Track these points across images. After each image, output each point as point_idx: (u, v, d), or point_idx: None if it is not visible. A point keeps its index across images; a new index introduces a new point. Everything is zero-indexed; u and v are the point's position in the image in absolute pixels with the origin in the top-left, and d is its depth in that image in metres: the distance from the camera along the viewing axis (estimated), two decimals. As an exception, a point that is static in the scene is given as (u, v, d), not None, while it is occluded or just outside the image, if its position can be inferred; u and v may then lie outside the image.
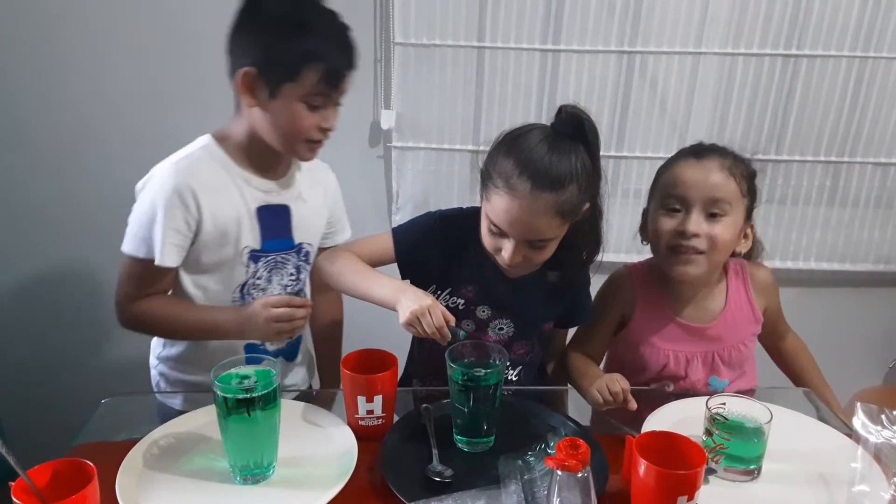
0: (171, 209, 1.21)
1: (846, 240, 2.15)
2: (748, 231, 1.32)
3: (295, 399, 1.23)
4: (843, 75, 1.98)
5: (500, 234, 1.19)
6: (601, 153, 1.22)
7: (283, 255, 1.34)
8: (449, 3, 1.92)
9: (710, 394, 1.27)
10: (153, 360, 1.42)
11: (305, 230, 1.37)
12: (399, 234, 1.33)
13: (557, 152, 1.14)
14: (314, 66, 1.17)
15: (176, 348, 1.36)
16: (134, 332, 1.30)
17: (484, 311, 1.31)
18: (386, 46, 1.94)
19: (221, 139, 1.28)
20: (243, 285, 1.31)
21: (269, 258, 1.32)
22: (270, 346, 1.38)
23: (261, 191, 1.29)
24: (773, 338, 1.44)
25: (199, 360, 1.33)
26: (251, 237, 1.29)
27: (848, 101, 2.00)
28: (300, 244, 1.37)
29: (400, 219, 2.08)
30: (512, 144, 1.17)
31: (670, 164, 1.32)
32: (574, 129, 1.17)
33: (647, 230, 1.36)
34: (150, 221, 1.22)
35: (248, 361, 1.31)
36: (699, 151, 1.29)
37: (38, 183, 2.07)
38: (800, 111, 2.01)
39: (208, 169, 1.25)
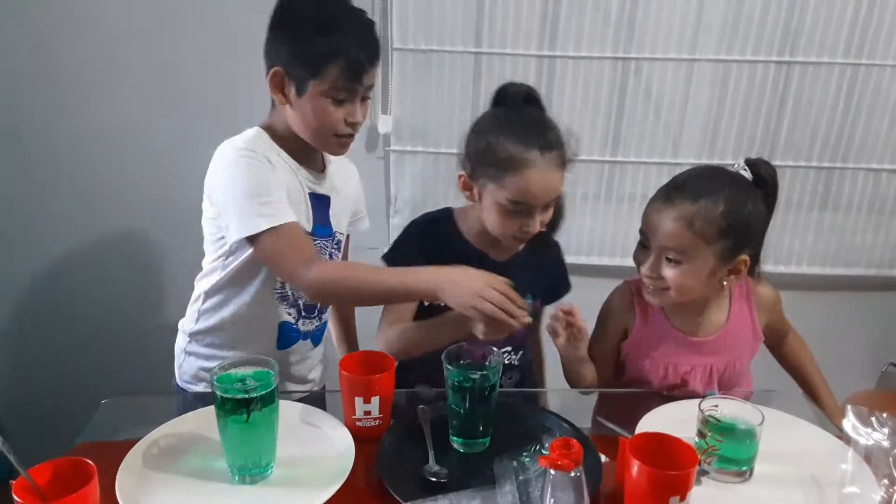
0: (273, 174, 1.24)
1: (839, 244, 2.17)
2: (740, 266, 1.28)
3: (304, 399, 1.24)
4: (835, 82, 1.99)
5: (524, 211, 1.24)
6: (595, 158, 1.25)
7: (324, 242, 1.38)
8: (447, 9, 1.93)
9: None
10: (182, 339, 1.43)
11: (339, 220, 1.42)
12: (388, 259, 1.39)
13: (538, 118, 1.27)
14: (336, 62, 1.22)
15: (212, 321, 1.37)
16: (321, 300, 1.29)
17: None
18: (385, 52, 1.96)
19: (268, 130, 1.32)
20: None
21: (315, 242, 1.34)
22: (303, 328, 1.41)
23: (308, 180, 1.34)
24: (775, 339, 1.46)
25: (233, 338, 1.36)
26: (305, 220, 1.32)
27: (840, 108, 2.02)
28: (335, 233, 1.41)
29: (398, 222, 2.09)
30: (494, 133, 1.24)
31: (653, 195, 1.30)
32: (527, 98, 1.30)
33: None
34: (263, 191, 1.21)
35: (281, 342, 1.37)
36: (669, 194, 1.25)
37: (39, 181, 2.08)
38: (793, 117, 2.03)
39: (271, 151, 1.29)
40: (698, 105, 2.02)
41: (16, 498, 0.83)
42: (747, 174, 1.27)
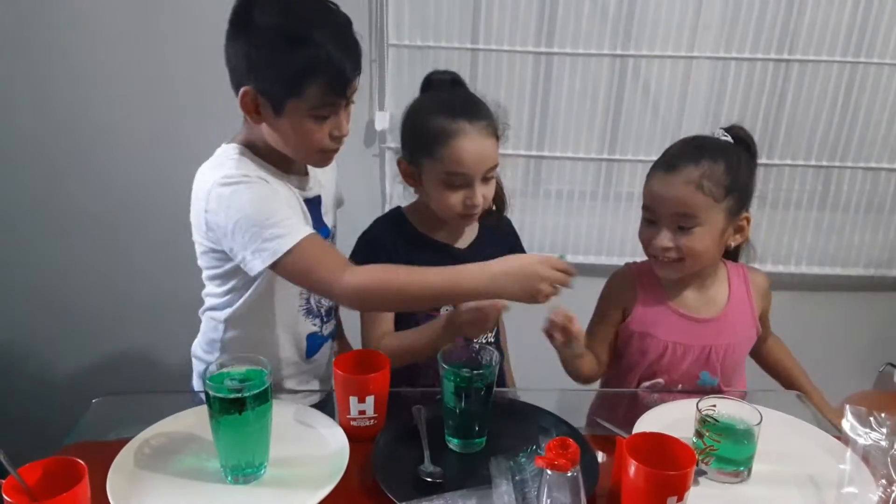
0: (274, 193, 1.17)
1: (837, 244, 2.16)
2: (743, 223, 1.32)
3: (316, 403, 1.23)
4: (834, 80, 1.99)
5: (463, 182, 1.26)
6: (593, 156, 1.24)
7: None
8: (443, 5, 1.92)
9: (700, 388, 1.29)
10: (203, 368, 1.36)
11: (330, 214, 1.38)
12: None
13: (465, 94, 1.33)
14: (316, 79, 1.10)
15: (238, 347, 1.31)
16: (361, 307, 1.21)
17: None
18: (380, 48, 1.95)
19: (248, 145, 1.22)
20: None
21: None
22: (325, 332, 1.39)
23: (297, 187, 1.27)
24: (759, 340, 1.46)
25: (264, 349, 1.29)
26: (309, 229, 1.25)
27: (839, 106, 2.02)
28: (330, 230, 1.38)
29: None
30: (422, 113, 1.29)
31: (650, 171, 1.33)
32: (454, 82, 1.36)
33: None
34: (271, 213, 1.13)
35: (309, 351, 1.36)
36: (671, 163, 1.28)
37: (28, 180, 2.07)
38: (791, 115, 2.02)
39: (260, 170, 1.20)
40: (696, 103, 2.02)
41: (5, 498, 0.82)
42: (728, 138, 1.32)
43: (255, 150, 1.22)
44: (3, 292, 2.16)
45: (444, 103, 1.29)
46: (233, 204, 1.13)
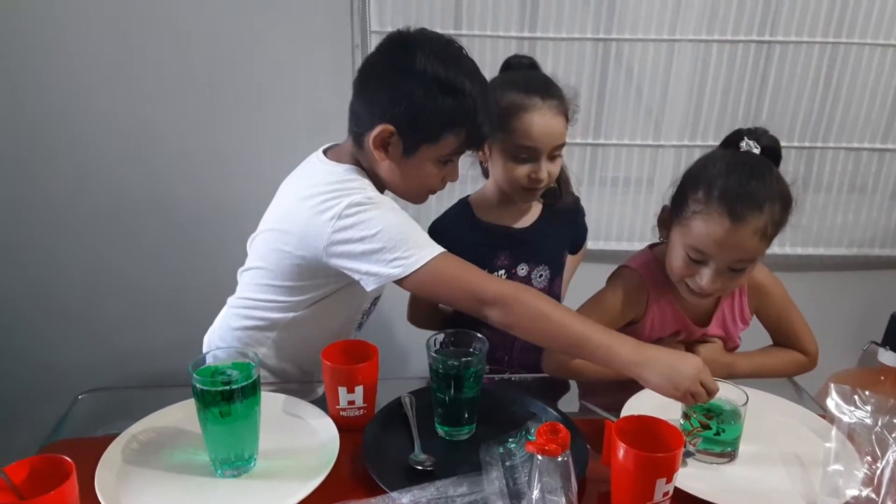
0: (401, 210, 1.18)
1: (820, 224, 2.18)
2: None
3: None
4: (815, 61, 2.00)
5: (531, 157, 1.29)
6: (578, 141, 1.24)
7: None
8: (425, -9, 1.90)
9: None
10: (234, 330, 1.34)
11: None
12: None
13: (541, 75, 1.38)
14: (456, 130, 1.15)
15: (281, 363, 1.33)
16: (503, 318, 1.12)
17: (523, 269, 1.41)
18: (363, 34, 1.93)
19: (361, 168, 1.22)
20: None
21: None
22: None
23: None
24: (787, 344, 1.43)
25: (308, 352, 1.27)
26: None
27: (821, 87, 2.02)
28: None
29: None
30: (497, 89, 1.28)
31: (703, 208, 1.18)
32: (531, 66, 1.40)
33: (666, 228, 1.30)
34: (414, 224, 1.16)
35: None
36: (735, 212, 1.14)
37: (7, 179, 2.04)
38: (773, 97, 2.03)
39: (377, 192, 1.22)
40: (679, 86, 2.02)
41: (-8, 497, 0.81)
42: (757, 150, 1.22)
43: (366, 174, 1.23)
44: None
45: (519, 80, 1.32)
46: (377, 223, 1.12)
